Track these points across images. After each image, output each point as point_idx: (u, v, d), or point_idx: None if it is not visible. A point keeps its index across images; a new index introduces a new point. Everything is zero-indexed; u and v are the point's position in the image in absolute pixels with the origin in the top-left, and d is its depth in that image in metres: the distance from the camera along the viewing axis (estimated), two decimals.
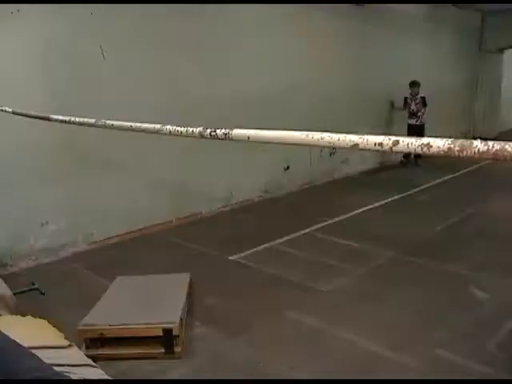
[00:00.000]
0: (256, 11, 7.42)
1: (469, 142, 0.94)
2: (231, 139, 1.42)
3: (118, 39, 5.96)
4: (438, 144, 0.98)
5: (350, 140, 1.12)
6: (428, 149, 0.98)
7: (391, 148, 1.04)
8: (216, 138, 1.47)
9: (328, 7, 8.44)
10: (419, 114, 10.58)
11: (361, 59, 9.57)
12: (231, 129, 1.43)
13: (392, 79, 10.43)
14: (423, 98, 10.53)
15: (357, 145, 1.10)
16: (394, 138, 1.03)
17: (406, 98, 10.65)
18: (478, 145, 0.92)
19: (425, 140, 0.99)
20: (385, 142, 1.05)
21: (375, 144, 1.07)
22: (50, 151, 5.51)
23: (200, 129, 1.56)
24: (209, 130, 1.51)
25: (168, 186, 6.74)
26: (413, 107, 10.58)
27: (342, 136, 1.14)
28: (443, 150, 0.97)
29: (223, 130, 1.45)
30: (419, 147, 0.99)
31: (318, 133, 1.19)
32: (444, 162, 9.82)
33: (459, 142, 0.96)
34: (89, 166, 5.88)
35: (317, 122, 7.94)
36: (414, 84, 10.41)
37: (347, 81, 9.31)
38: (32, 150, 5.39)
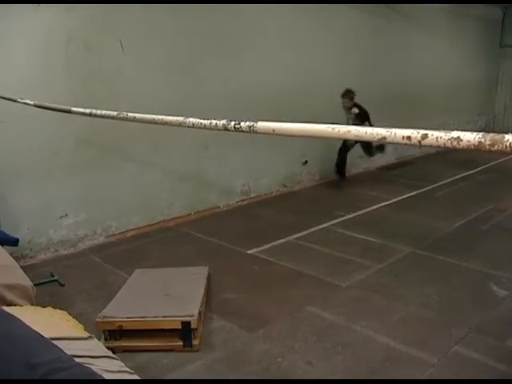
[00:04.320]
0: (276, 6, 7.39)
1: (500, 135, 0.92)
2: (255, 132, 1.40)
3: (138, 33, 5.98)
4: (468, 138, 0.96)
5: (377, 133, 1.10)
6: (458, 142, 0.96)
7: (420, 141, 1.02)
8: (240, 130, 1.46)
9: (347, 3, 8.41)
10: None
11: (381, 55, 9.49)
12: (255, 121, 1.42)
13: (413, 75, 10.33)
14: (360, 115, 7.95)
15: (384, 138, 1.08)
16: (422, 132, 1.02)
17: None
18: (510, 139, 0.90)
19: (455, 134, 0.97)
20: (413, 136, 1.03)
21: (403, 137, 1.05)
22: (71, 144, 5.55)
23: (224, 121, 1.54)
24: (233, 123, 1.49)
25: (186, 179, 6.75)
26: (348, 123, 7.61)
27: (369, 129, 1.12)
28: (473, 144, 0.95)
29: (247, 123, 1.43)
30: (449, 141, 0.97)
31: (345, 126, 1.18)
32: (463, 157, 9.76)
33: (490, 135, 0.94)
34: (108, 159, 5.92)
35: (335, 117, 7.93)
36: (345, 94, 7.98)
37: (367, 77, 9.22)
38: (53, 143, 5.43)
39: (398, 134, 1.06)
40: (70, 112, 2.98)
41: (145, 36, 6.04)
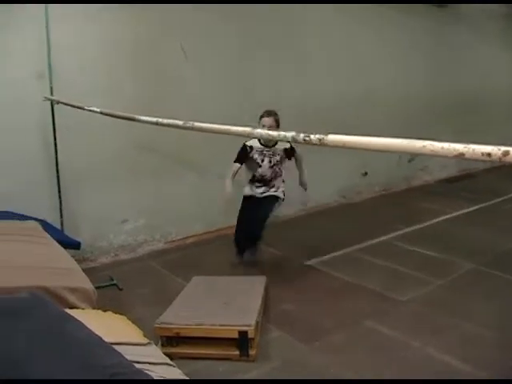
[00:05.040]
0: (331, 14, 7.38)
1: None
2: (325, 145, 1.39)
3: (201, 38, 6.07)
4: None
5: (454, 149, 1.06)
6: None
7: (500, 159, 0.98)
8: (310, 143, 1.44)
9: (404, 8, 8.29)
10: (274, 182, 5.40)
11: (438, 62, 9.28)
12: (325, 134, 1.41)
13: (472, 82, 10.01)
14: (290, 152, 5.38)
15: (462, 154, 1.05)
16: (504, 148, 0.98)
17: (245, 148, 5.32)
18: None
19: None
20: (493, 152, 0.99)
21: (482, 154, 1.01)
22: (133, 151, 5.66)
23: (293, 133, 1.53)
24: (302, 135, 1.48)
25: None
26: (264, 170, 5.33)
27: (445, 144, 1.09)
28: None
29: (317, 135, 1.42)
30: None
31: (420, 141, 1.15)
32: None
33: None
34: (169, 167, 6.00)
35: (393, 127, 7.77)
36: (271, 114, 5.21)
37: (425, 84, 9.06)
38: (116, 149, 5.54)
39: (477, 150, 1.02)
40: (135, 120, 3.02)
41: (207, 41, 6.12)
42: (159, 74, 5.79)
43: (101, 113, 3.67)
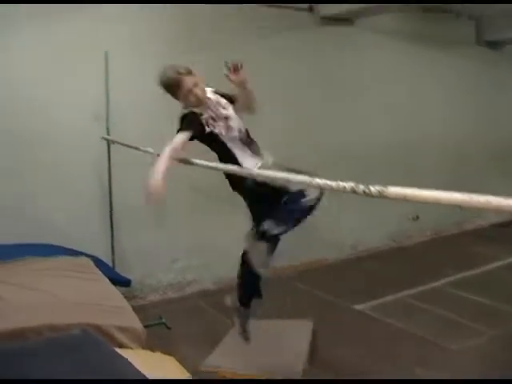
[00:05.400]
0: (391, 60, 7.42)
1: None
2: (385, 197, 1.38)
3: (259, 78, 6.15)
4: None
5: None
6: None
7: None
8: (369, 195, 1.44)
9: (455, 50, 8.24)
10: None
11: (493, 106, 9.07)
12: (385, 186, 1.40)
13: None
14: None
15: None
16: None
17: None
18: None
19: None
20: None
21: None
22: (185, 190, 5.71)
23: (352, 184, 1.53)
24: (361, 187, 1.48)
25: (294, 230, 6.74)
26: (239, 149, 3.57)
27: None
28: None
29: (377, 187, 1.41)
30: None
31: (483, 196, 1.13)
32: None
33: None
34: (221, 207, 5.99)
35: (446, 179, 7.59)
36: (187, 72, 3.57)
37: (481, 131, 8.89)
38: (168, 188, 5.60)
39: None
40: (190, 163, 3.06)
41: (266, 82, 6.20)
42: None
43: (157, 155, 3.71)
